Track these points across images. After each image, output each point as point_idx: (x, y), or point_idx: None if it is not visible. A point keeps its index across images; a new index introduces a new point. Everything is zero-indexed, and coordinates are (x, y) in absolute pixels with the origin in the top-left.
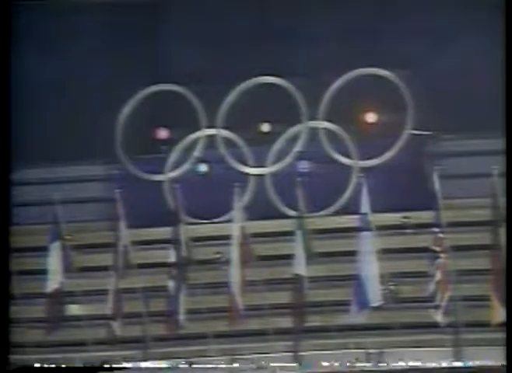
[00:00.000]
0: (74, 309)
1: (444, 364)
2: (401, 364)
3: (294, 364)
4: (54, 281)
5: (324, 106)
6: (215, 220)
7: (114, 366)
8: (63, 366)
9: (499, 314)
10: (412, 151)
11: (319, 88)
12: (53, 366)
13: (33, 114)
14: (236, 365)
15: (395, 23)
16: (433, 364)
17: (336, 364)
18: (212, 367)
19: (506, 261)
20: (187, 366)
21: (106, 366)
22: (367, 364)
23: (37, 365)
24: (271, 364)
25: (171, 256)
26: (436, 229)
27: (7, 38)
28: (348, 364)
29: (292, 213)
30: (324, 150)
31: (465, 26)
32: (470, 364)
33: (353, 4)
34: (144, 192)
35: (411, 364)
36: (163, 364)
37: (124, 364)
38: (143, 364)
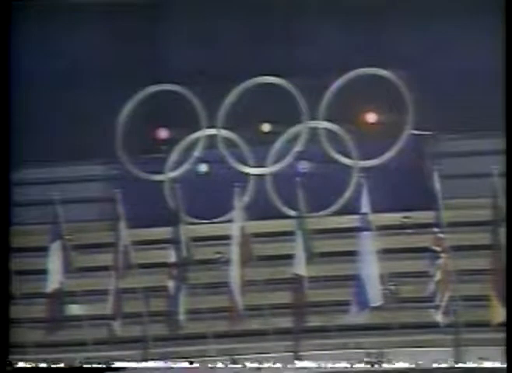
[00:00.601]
0: (74, 309)
1: (444, 364)
2: (401, 364)
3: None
4: (54, 281)
5: (324, 106)
6: (215, 220)
7: (114, 366)
8: (63, 366)
9: (499, 314)
10: (412, 151)
11: (319, 88)
12: (53, 366)
13: (32, 114)
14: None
15: (397, 23)
16: (433, 364)
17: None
18: (212, 367)
19: (506, 261)
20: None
21: (106, 366)
22: (367, 364)
23: (37, 365)
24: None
25: (171, 256)
26: (436, 229)
27: (7, 38)
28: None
29: (292, 213)
30: (324, 150)
31: (465, 26)
32: (470, 364)
33: (353, 4)
34: (144, 192)
35: (411, 364)
36: (163, 364)
37: (124, 364)
38: (143, 364)
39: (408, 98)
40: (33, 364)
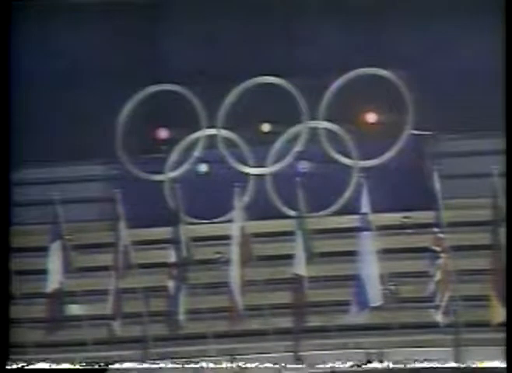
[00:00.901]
0: (74, 309)
1: (444, 364)
2: (401, 364)
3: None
4: (54, 281)
5: (324, 106)
6: (215, 220)
7: (114, 366)
8: (63, 366)
9: (499, 314)
10: (412, 151)
11: (319, 88)
12: (53, 366)
13: (32, 114)
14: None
15: (397, 23)
16: (433, 364)
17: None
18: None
19: (506, 261)
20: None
21: (106, 366)
22: (367, 365)
23: (37, 365)
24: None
25: (171, 256)
26: (436, 229)
27: (7, 38)
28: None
29: (292, 213)
30: (324, 150)
31: (465, 26)
32: (470, 364)
33: (353, 4)
34: (144, 192)
35: (411, 364)
36: (163, 364)
37: (124, 364)
38: (143, 364)
39: (408, 98)
40: (33, 364)
